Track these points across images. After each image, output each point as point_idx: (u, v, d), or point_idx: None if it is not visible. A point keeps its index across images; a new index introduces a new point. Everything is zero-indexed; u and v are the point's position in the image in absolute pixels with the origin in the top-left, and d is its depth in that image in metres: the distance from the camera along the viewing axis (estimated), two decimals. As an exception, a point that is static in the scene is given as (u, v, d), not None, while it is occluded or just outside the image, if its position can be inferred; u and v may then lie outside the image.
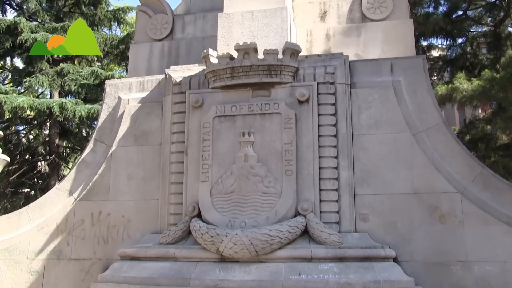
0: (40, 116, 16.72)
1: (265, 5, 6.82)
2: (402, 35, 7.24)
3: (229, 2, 6.99)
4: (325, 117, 6.20)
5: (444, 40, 18.75)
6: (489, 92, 14.31)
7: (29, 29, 17.12)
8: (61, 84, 16.62)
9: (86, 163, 7.21)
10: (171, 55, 7.83)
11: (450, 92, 14.56)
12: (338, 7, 7.46)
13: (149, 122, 6.94)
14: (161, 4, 8.14)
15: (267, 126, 6.22)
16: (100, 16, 19.31)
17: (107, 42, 18.01)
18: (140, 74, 7.74)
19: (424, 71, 6.54)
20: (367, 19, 7.35)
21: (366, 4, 7.36)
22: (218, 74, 6.38)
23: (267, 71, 6.23)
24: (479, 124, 17.39)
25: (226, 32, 6.83)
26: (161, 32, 8.04)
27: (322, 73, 6.29)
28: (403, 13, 7.36)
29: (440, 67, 18.77)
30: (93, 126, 17.86)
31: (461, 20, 18.36)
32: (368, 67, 6.54)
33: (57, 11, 19.39)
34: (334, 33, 7.32)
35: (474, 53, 18.62)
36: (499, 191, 5.99)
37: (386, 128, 6.25)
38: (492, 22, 18.60)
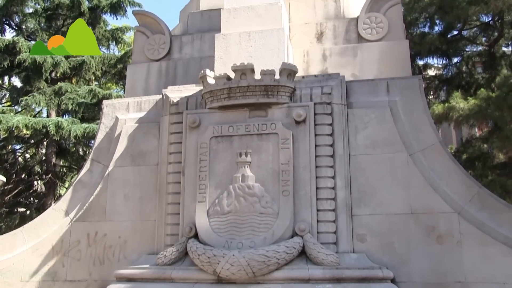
0: (37, 135, 16.72)
1: (262, 26, 6.87)
2: (398, 55, 7.29)
3: (226, 23, 7.05)
4: (322, 137, 6.20)
5: (440, 60, 18.91)
6: (485, 111, 14.38)
7: (27, 49, 17.19)
8: (58, 103, 16.65)
9: (82, 183, 7.19)
10: (168, 75, 7.87)
11: (447, 111, 14.62)
12: (334, 28, 7.53)
13: (146, 142, 6.94)
14: (158, 24, 8.20)
15: (264, 146, 6.23)
16: (99, 35, 19.41)
17: (105, 61, 18.12)
18: (137, 94, 7.76)
19: (420, 91, 6.58)
20: (363, 40, 7.41)
21: (362, 25, 7.42)
22: (215, 94, 6.40)
23: (264, 91, 6.25)
24: (476, 142, 17.43)
25: (223, 53, 6.87)
26: (159, 53, 8.09)
27: (319, 94, 6.32)
28: (399, 33, 7.43)
29: (437, 86, 18.88)
30: (90, 145, 17.86)
31: (456, 40, 18.53)
32: (364, 87, 6.58)
33: (55, 30, 19.49)
34: (331, 53, 7.38)
35: (469, 72, 18.76)
36: (497, 211, 5.98)
37: (383, 148, 6.26)
38: (487, 42, 18.78)
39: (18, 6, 18.65)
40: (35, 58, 16.43)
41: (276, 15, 6.91)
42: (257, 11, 6.97)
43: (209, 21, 8.02)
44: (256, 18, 6.93)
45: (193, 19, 8.31)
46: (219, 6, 7.80)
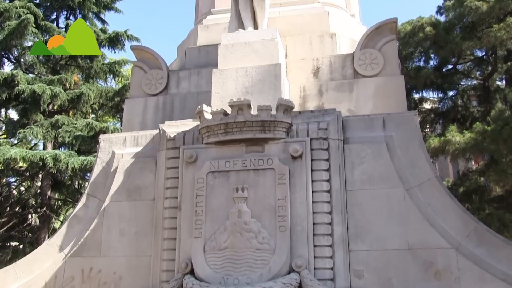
0: (33, 168, 16.65)
1: (258, 62, 6.94)
2: (394, 91, 7.36)
3: (223, 58, 7.12)
4: (319, 172, 6.21)
5: (435, 93, 19.11)
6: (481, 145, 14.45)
7: (25, 81, 17.29)
8: (55, 135, 16.65)
9: (78, 218, 7.13)
10: (165, 110, 7.91)
11: (443, 144, 14.69)
12: (330, 63, 7.62)
13: (142, 177, 6.92)
14: (156, 59, 8.28)
15: (260, 181, 6.22)
16: (96, 69, 19.59)
17: (102, 94, 18.22)
18: (134, 128, 7.78)
19: (416, 126, 6.62)
20: (359, 75, 7.49)
21: (358, 61, 7.51)
22: (212, 129, 6.42)
23: (260, 127, 6.28)
24: (473, 176, 17.46)
25: (220, 88, 6.92)
26: (156, 87, 8.14)
27: (315, 129, 6.35)
28: (394, 69, 7.51)
29: (432, 119, 19.02)
30: (86, 178, 17.78)
31: (451, 74, 18.77)
32: (360, 122, 6.62)
33: (53, 64, 19.67)
34: (327, 88, 7.44)
35: (465, 106, 18.92)
36: (495, 247, 5.94)
37: (380, 184, 6.25)
38: (481, 76, 19.02)
39: (17, 39, 18.81)
40: (34, 90, 16.51)
41: (273, 51, 6.99)
42: (254, 46, 7.05)
43: (206, 57, 8.11)
44: (253, 53, 7.01)
45: (191, 54, 8.40)
46: (216, 41, 7.88)
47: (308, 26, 8.13)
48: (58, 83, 17.59)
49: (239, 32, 7.25)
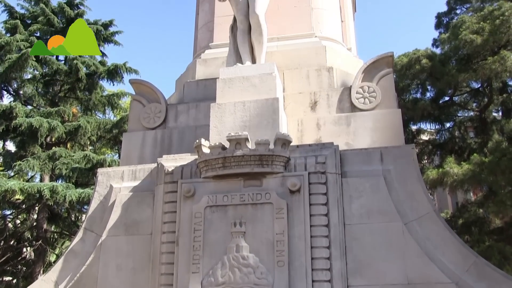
0: (29, 200, 16.57)
1: (256, 96, 6.99)
2: (391, 124, 7.38)
3: (221, 92, 7.16)
4: (317, 206, 6.18)
5: (432, 125, 19.25)
6: (479, 176, 14.47)
7: (24, 114, 17.38)
8: (52, 168, 16.63)
9: (74, 253, 7.06)
10: (163, 144, 7.91)
11: (441, 176, 14.70)
12: (328, 97, 7.66)
13: (140, 212, 6.88)
14: (155, 93, 8.32)
15: (258, 216, 6.19)
16: (95, 101, 19.73)
17: (100, 127, 18.30)
18: (132, 162, 7.77)
19: (413, 159, 6.63)
20: (356, 109, 7.52)
21: (355, 94, 7.56)
22: (210, 164, 6.42)
23: (258, 161, 6.28)
24: (472, 207, 17.43)
25: (219, 122, 6.94)
26: (155, 121, 8.15)
27: (313, 163, 6.35)
28: (391, 102, 7.55)
29: (430, 151, 19.08)
30: (83, 211, 17.69)
31: (448, 105, 18.93)
32: (358, 156, 6.62)
33: (52, 96, 19.81)
34: (325, 122, 7.47)
35: (462, 137, 19.01)
36: (496, 282, 5.88)
37: (378, 218, 6.22)
38: (478, 108, 19.18)
39: (17, 72, 18.98)
40: (31, 123, 16.58)
41: (271, 85, 7.04)
42: (252, 81, 7.10)
43: (204, 90, 8.15)
44: (250, 88, 7.06)
45: (189, 88, 8.45)
46: (214, 75, 7.95)
47: (305, 60, 8.22)
48: (56, 115, 17.68)
49: (237, 67, 7.31)
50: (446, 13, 21.86)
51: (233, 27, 7.91)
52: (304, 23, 8.71)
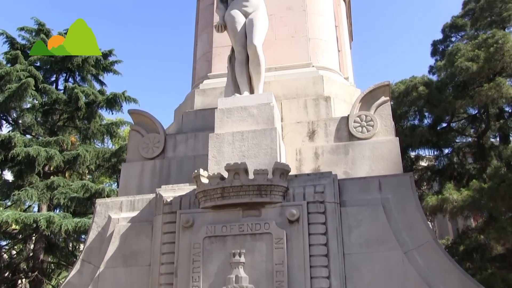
0: (26, 230, 16.46)
1: (254, 126, 7.02)
2: (389, 152, 7.40)
3: (220, 122, 7.19)
4: (316, 236, 6.15)
5: (431, 151, 19.29)
6: (478, 202, 14.44)
7: (22, 143, 17.40)
8: (50, 197, 16.58)
9: (71, 285, 6.98)
10: (162, 174, 7.90)
11: (441, 203, 14.68)
12: (325, 126, 7.70)
13: (138, 243, 6.84)
14: (153, 123, 8.35)
15: (257, 246, 6.15)
16: (94, 130, 19.79)
17: (99, 156, 18.31)
18: (131, 192, 7.75)
19: (411, 188, 6.62)
20: (354, 138, 7.54)
21: (353, 123, 7.59)
22: (208, 194, 6.41)
23: (257, 191, 6.27)
24: (472, 234, 17.35)
25: (217, 152, 6.95)
26: (153, 151, 8.16)
27: (312, 192, 6.34)
28: (389, 131, 7.58)
29: (429, 177, 19.09)
30: (80, 240, 17.56)
31: (446, 132, 19.01)
32: (356, 185, 6.62)
33: (51, 125, 19.86)
34: (323, 151, 7.49)
35: (461, 163, 19.05)
36: (497, 311, 5.83)
37: (377, 247, 6.19)
38: (475, 133, 19.26)
39: (16, 102, 19.08)
40: (29, 152, 16.59)
41: (269, 115, 7.08)
42: (250, 111, 7.14)
43: (203, 120, 8.19)
44: (249, 118, 7.09)
45: (188, 118, 8.49)
46: (213, 105, 8.00)
47: (303, 90, 8.29)
48: (55, 145, 17.70)
49: (235, 97, 7.36)
50: (442, 41, 22.15)
51: (231, 57, 8.00)
52: (301, 53, 8.82)
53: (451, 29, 22.05)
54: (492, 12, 19.84)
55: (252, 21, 7.79)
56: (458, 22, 21.68)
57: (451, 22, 22.11)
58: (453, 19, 22.11)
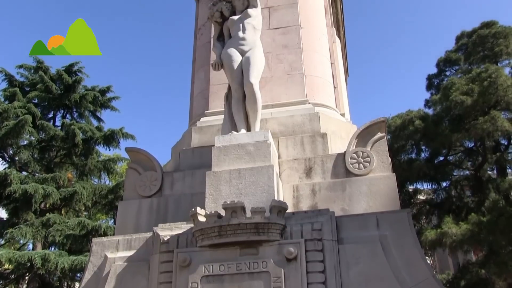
0: (19, 270, 16.21)
1: (251, 164, 7.02)
2: (386, 189, 7.39)
3: (217, 160, 7.20)
4: (314, 274, 6.08)
5: (429, 184, 19.28)
6: (478, 236, 14.36)
7: (18, 180, 17.33)
8: (45, 235, 16.41)
9: (66, 327, 6.87)
10: (159, 212, 7.86)
11: (440, 237, 14.60)
12: (322, 163, 7.70)
13: (135, 282, 6.74)
14: (150, 161, 8.35)
15: (255, 285, 6.07)
16: (91, 166, 19.77)
17: (96, 192, 18.24)
18: (128, 231, 7.69)
19: (409, 224, 6.59)
20: (351, 174, 7.54)
21: (350, 160, 7.60)
22: (206, 232, 6.37)
23: (254, 229, 6.24)
24: (473, 268, 17.19)
25: (214, 190, 6.94)
26: (150, 189, 8.13)
27: (309, 230, 6.31)
28: (386, 167, 7.59)
29: (428, 211, 19.04)
30: (76, 279, 17.30)
31: (443, 165, 19.05)
32: (354, 222, 6.59)
33: (48, 161, 19.83)
34: (320, 188, 7.47)
35: (459, 196, 19.03)
36: None
37: (376, 284, 6.10)
38: (472, 166, 19.30)
39: (13, 139, 19.10)
40: (27, 189, 16.50)
41: (266, 153, 7.09)
42: (247, 149, 7.16)
43: (200, 158, 8.19)
44: (246, 156, 7.10)
45: (185, 155, 8.49)
46: (210, 143, 8.01)
47: (299, 127, 8.33)
48: (51, 181, 17.64)
49: (232, 135, 7.39)
50: (436, 75, 22.46)
51: (228, 95, 8.06)
52: (297, 90, 8.89)
53: (445, 63, 22.40)
54: (485, 47, 20.20)
55: (248, 59, 7.88)
56: (452, 56, 22.03)
57: (445, 56, 22.47)
58: (447, 53, 22.48)
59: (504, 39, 19.80)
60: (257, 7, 8.52)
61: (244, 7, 8.49)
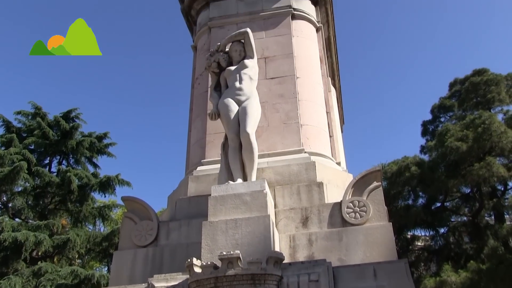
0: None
1: (248, 214, 6.99)
2: (383, 238, 7.35)
3: (213, 210, 7.16)
4: (312, 328, 5.98)
5: (427, 231, 19.17)
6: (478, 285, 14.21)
7: (10, 228, 17.11)
8: (36, 285, 16.05)
9: None
10: (155, 262, 7.76)
11: (439, 285, 14.44)
12: (319, 212, 7.67)
13: (128, 336, 6.60)
14: (147, 210, 8.30)
15: None
16: (85, 213, 19.62)
17: (90, 239, 18.02)
18: (122, 282, 7.56)
19: (407, 274, 6.52)
20: (347, 224, 7.50)
21: (346, 209, 7.58)
22: (202, 284, 6.28)
23: (251, 280, 6.15)
24: (474, 317, 16.85)
25: (210, 240, 6.87)
26: (146, 239, 8.05)
27: (306, 281, 6.22)
28: (382, 216, 7.57)
29: (426, 258, 18.87)
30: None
31: (440, 211, 19.03)
32: (351, 273, 6.51)
33: (42, 208, 19.68)
34: (317, 238, 7.42)
35: (457, 243, 18.91)
36: None
37: (377, 338, 6.01)
38: (470, 212, 19.27)
39: (8, 185, 19.00)
40: (17, 237, 16.24)
41: (262, 202, 7.07)
42: (243, 198, 7.14)
43: (196, 207, 8.14)
44: (242, 205, 7.08)
45: (181, 205, 8.45)
46: (206, 192, 7.98)
47: (296, 176, 8.34)
48: (45, 229, 17.45)
49: (229, 184, 7.38)
50: (431, 121, 22.71)
51: (225, 144, 8.10)
52: (293, 139, 8.94)
53: (440, 109, 22.69)
54: (477, 94, 20.55)
55: (245, 109, 7.98)
56: (446, 103, 22.35)
57: (439, 103, 22.79)
58: (441, 100, 22.81)
59: (496, 86, 20.17)
60: (253, 58, 8.69)
61: (241, 58, 8.66)
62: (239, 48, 8.73)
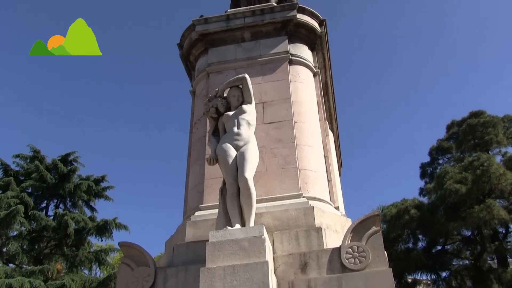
0: None
1: (246, 260, 6.89)
2: (383, 284, 7.21)
3: (211, 256, 7.07)
4: None
5: (428, 275, 18.92)
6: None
7: (4, 274, 16.84)
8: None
9: None
10: (151, 311, 7.60)
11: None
12: (318, 258, 7.58)
13: None
14: (144, 256, 8.19)
15: None
16: (82, 257, 19.39)
17: (86, 285, 17.77)
18: (117, 332, 7.39)
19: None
20: (347, 269, 7.39)
21: (345, 255, 7.49)
22: (198, 334, 6.14)
23: (249, 330, 6.03)
24: None
25: (208, 287, 6.76)
26: (143, 285, 7.87)
27: (306, 331, 6.10)
28: (382, 261, 7.47)
29: (428, 304, 18.51)
30: None
31: (441, 255, 18.82)
32: (353, 321, 6.39)
33: (37, 253, 19.44)
34: (316, 284, 7.29)
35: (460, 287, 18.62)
36: None
37: None
38: (471, 256, 19.06)
39: (3, 229, 18.81)
40: (11, 284, 15.94)
41: (260, 248, 6.98)
42: (241, 244, 7.05)
43: (194, 253, 8.04)
44: (240, 251, 6.99)
45: (179, 250, 8.34)
46: (204, 237, 7.91)
47: (294, 221, 8.28)
48: (39, 274, 17.17)
49: (227, 230, 7.31)
50: (429, 163, 22.74)
51: (223, 189, 8.08)
52: (292, 184, 8.92)
53: (438, 151, 22.76)
54: (475, 136, 20.65)
55: (243, 154, 7.99)
56: (444, 145, 22.44)
57: (437, 145, 22.88)
58: (439, 142, 22.90)
59: (493, 128, 20.29)
60: (251, 103, 8.77)
61: (239, 103, 8.74)
62: (237, 93, 8.82)
